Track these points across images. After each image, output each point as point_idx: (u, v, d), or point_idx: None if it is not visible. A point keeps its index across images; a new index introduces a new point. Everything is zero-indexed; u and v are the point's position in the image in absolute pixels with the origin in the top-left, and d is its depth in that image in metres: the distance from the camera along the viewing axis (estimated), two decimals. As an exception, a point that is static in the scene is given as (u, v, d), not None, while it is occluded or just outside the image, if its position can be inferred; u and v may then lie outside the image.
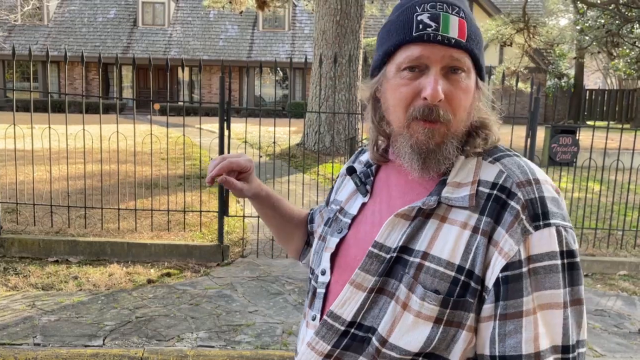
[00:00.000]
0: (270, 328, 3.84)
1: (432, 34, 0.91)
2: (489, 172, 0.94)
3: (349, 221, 1.07)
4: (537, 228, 0.86)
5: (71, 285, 4.52)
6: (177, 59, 17.15)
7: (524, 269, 0.86)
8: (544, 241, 0.86)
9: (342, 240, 1.06)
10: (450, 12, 0.92)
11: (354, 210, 1.07)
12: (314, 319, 1.05)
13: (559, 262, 0.86)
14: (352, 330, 0.96)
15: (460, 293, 0.89)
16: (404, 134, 0.96)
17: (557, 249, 0.86)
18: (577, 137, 7.85)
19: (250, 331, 3.78)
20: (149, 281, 4.65)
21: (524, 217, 0.87)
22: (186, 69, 23.81)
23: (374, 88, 1.02)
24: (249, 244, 5.68)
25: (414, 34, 0.93)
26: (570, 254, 0.87)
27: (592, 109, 23.60)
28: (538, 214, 0.87)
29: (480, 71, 0.97)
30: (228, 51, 23.18)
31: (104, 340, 3.54)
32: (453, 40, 0.91)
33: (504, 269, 0.87)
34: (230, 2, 14.18)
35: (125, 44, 23.20)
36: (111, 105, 18.99)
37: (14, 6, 23.15)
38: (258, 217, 5.48)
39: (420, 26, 0.92)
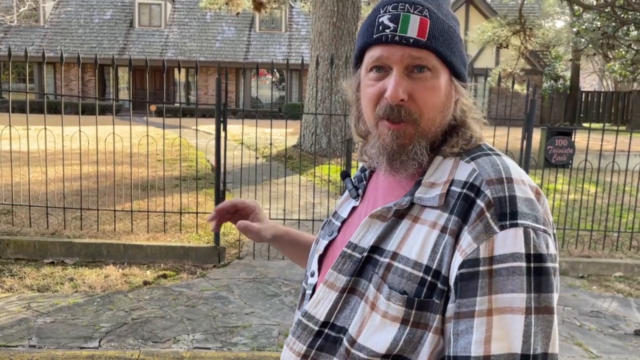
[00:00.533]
0: (267, 330, 3.84)
1: (389, 35, 0.92)
2: (464, 171, 0.92)
3: (339, 224, 1.08)
4: (502, 228, 0.83)
5: (67, 286, 4.51)
6: (174, 61, 17.13)
7: (482, 268, 0.82)
8: (509, 241, 0.82)
9: (331, 242, 1.08)
10: (411, 11, 0.92)
11: (344, 214, 1.09)
12: None
13: (523, 264, 0.81)
14: (326, 331, 0.96)
15: (427, 294, 0.87)
16: (374, 135, 0.98)
17: (523, 251, 0.82)
18: (572, 139, 7.88)
19: (246, 333, 3.77)
20: (145, 283, 4.65)
21: (488, 215, 0.84)
22: (183, 71, 23.79)
23: (353, 88, 1.03)
24: (245, 246, 5.67)
25: (374, 36, 0.94)
26: (539, 257, 0.82)
27: (588, 111, 23.71)
28: (505, 213, 0.83)
29: (454, 69, 0.96)
30: (225, 52, 23.18)
31: (99, 342, 3.53)
32: (411, 40, 0.91)
33: (460, 267, 0.84)
34: (227, 4, 14.20)
35: (122, 45, 23.17)
36: (107, 106, 18.95)
37: (9, 7, 23.11)
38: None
39: (380, 28, 0.93)
